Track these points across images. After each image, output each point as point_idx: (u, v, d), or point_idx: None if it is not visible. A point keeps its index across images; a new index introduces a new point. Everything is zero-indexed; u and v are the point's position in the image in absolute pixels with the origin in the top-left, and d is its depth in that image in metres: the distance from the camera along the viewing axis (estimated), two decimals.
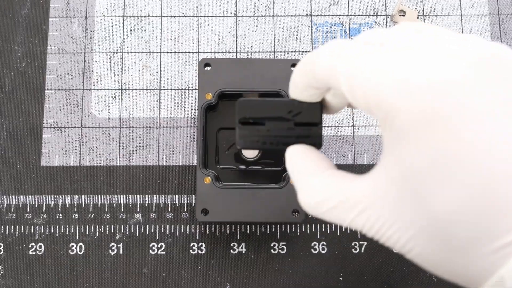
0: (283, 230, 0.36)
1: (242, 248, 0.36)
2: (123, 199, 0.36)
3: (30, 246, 0.36)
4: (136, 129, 0.38)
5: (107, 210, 0.36)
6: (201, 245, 0.36)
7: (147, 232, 0.36)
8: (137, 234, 0.36)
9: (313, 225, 0.36)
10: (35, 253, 0.36)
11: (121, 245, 0.36)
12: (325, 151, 0.37)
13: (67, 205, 0.36)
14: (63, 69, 0.39)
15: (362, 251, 0.36)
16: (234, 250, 0.36)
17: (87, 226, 0.36)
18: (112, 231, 0.36)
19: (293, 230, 0.36)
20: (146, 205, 0.36)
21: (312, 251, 0.36)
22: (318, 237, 0.36)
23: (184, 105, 0.38)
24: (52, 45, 0.39)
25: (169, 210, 0.36)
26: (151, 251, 0.36)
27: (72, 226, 0.36)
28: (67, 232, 0.36)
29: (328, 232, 0.36)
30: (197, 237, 0.36)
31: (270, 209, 0.33)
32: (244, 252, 0.36)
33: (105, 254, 0.36)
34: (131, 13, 0.40)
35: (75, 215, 0.36)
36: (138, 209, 0.36)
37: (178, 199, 0.37)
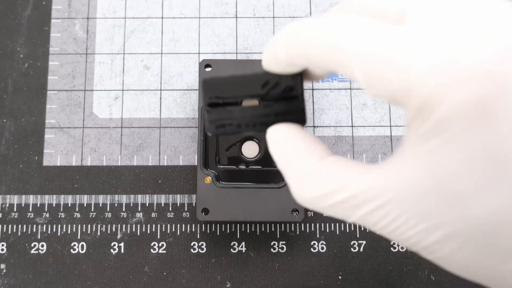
0: (282, 229, 0.36)
1: (242, 247, 0.36)
2: (124, 199, 0.37)
3: (32, 245, 0.36)
4: (137, 129, 0.38)
5: (108, 210, 0.37)
6: (202, 244, 0.36)
7: (148, 231, 0.36)
8: (138, 234, 0.36)
9: (312, 224, 0.36)
10: (37, 252, 0.36)
11: (122, 244, 0.36)
12: None
13: (69, 205, 0.37)
14: (65, 70, 0.39)
15: (361, 250, 0.36)
16: (234, 249, 0.36)
17: (89, 225, 0.36)
18: (114, 230, 0.36)
19: (292, 229, 0.36)
20: (147, 205, 0.37)
21: (312, 250, 0.36)
22: (317, 236, 0.36)
23: (185, 105, 0.38)
24: (54, 46, 0.39)
25: (170, 209, 0.37)
26: (152, 250, 0.36)
27: (74, 226, 0.36)
28: (69, 231, 0.36)
29: (327, 231, 0.36)
30: (198, 236, 0.36)
31: (270, 208, 0.34)
32: (244, 251, 0.36)
33: (107, 253, 0.36)
34: (133, 14, 0.40)
35: (77, 215, 0.37)
36: (139, 209, 0.37)
37: (179, 198, 0.37)
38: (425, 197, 0.16)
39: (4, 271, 0.36)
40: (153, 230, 0.36)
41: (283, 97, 0.21)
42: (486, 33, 0.15)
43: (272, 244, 0.36)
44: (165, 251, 0.36)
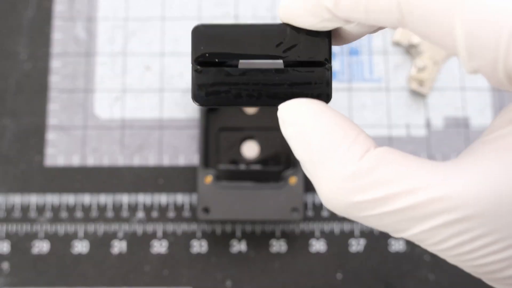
0: (283, 229, 0.37)
1: (242, 246, 0.36)
2: (125, 199, 0.37)
3: (35, 244, 0.36)
4: (138, 129, 0.38)
5: (110, 209, 0.37)
6: (202, 243, 0.36)
7: (149, 230, 0.37)
8: (139, 233, 0.37)
9: (312, 224, 0.37)
10: (39, 251, 0.36)
11: (123, 243, 0.36)
12: None
13: (71, 205, 0.37)
14: (66, 70, 0.39)
15: (361, 249, 0.36)
16: (235, 249, 0.36)
17: (90, 225, 0.37)
18: (115, 229, 0.37)
19: (292, 228, 0.37)
20: (148, 204, 0.37)
21: (311, 249, 0.36)
22: (317, 235, 0.36)
23: (185, 106, 0.39)
24: (55, 47, 0.39)
25: (171, 209, 0.37)
26: (153, 249, 0.36)
27: (76, 225, 0.37)
28: (70, 231, 0.37)
29: (327, 231, 0.37)
30: (198, 235, 0.37)
31: (270, 207, 0.34)
32: (244, 250, 0.36)
33: (108, 252, 0.36)
34: (133, 15, 0.40)
35: (79, 214, 0.37)
36: (140, 208, 0.37)
37: (180, 198, 0.37)
38: None
39: (8, 270, 0.36)
40: (154, 230, 0.37)
41: (302, 62, 0.15)
42: None
43: (272, 243, 0.36)
44: (166, 250, 0.36)
